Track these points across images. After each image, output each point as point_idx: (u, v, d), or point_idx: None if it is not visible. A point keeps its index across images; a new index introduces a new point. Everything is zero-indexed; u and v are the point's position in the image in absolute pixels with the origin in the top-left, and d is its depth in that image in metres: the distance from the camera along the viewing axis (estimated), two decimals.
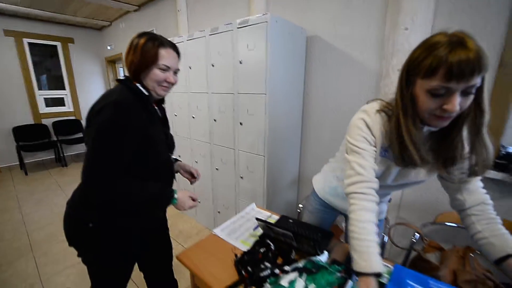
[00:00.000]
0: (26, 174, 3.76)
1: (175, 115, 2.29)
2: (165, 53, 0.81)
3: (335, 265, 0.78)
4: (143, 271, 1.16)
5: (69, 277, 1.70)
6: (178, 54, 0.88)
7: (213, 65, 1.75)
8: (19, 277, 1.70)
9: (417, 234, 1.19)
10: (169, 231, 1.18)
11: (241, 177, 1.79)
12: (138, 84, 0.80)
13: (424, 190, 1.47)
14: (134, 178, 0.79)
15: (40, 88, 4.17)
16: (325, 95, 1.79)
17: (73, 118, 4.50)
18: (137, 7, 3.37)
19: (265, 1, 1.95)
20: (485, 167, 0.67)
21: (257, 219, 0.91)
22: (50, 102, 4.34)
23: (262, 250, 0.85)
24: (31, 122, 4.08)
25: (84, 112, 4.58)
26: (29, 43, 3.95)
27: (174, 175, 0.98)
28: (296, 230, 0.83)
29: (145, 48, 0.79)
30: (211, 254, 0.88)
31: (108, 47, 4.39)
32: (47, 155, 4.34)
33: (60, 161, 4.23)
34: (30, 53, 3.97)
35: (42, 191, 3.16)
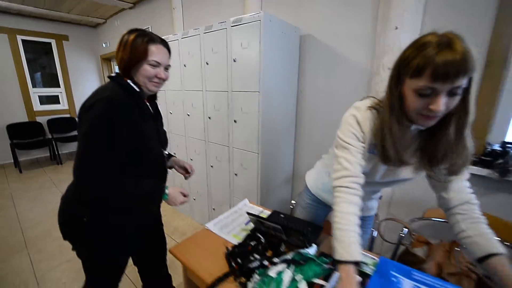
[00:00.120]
0: (21, 172, 3.74)
1: (170, 113, 2.30)
2: (155, 49, 0.81)
3: (323, 257, 0.81)
4: (137, 266, 1.18)
5: (64, 273, 1.71)
6: (169, 50, 0.88)
7: (208, 63, 1.76)
8: (14, 274, 1.71)
9: (406, 229, 1.22)
10: (165, 228, 1.20)
11: (235, 174, 1.81)
12: (129, 81, 0.81)
13: (414, 187, 1.51)
14: (126, 174, 0.80)
15: (35, 86, 4.13)
16: (319, 93, 1.81)
17: (68, 116, 4.47)
18: (132, 5, 3.35)
19: (260, 0, 1.97)
20: (463, 166, 0.69)
21: (248, 214, 0.93)
22: (45, 100, 4.31)
23: (253, 243, 0.87)
24: (25, 120, 4.04)
25: None
26: (23, 40, 3.91)
27: (167, 171, 1.00)
28: (286, 224, 0.86)
29: (135, 44, 0.79)
30: (203, 248, 0.90)
31: (103, 45, 4.36)
32: (42, 153, 4.31)
33: (55, 159, 4.21)
34: (24, 50, 3.93)
35: (37, 189, 3.15)
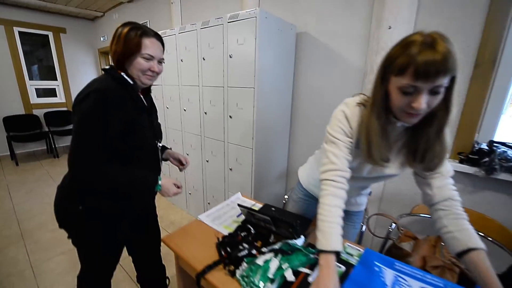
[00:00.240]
0: (17, 165, 3.74)
1: (167, 108, 2.31)
2: (149, 43, 0.83)
3: (310, 248, 0.84)
4: (132, 255, 1.21)
5: (60, 264, 1.73)
6: (163, 44, 0.90)
7: (204, 59, 1.78)
8: (10, 264, 1.73)
9: (394, 224, 1.26)
10: (161, 222, 1.22)
11: (230, 169, 1.84)
12: (123, 73, 0.82)
13: (405, 184, 1.54)
14: (119, 164, 0.81)
15: (31, 78, 4.11)
16: (314, 90, 1.83)
17: (65, 110, 4.46)
18: None
19: None
20: (439, 163, 0.71)
21: (239, 205, 0.96)
22: (42, 93, 4.29)
23: (243, 234, 0.90)
24: (22, 113, 4.03)
25: None
26: (20, 32, 3.88)
27: (160, 162, 1.02)
28: (276, 216, 0.89)
29: (128, 37, 0.80)
30: (195, 238, 0.93)
31: (101, 38, 4.34)
32: (39, 146, 4.30)
33: (52, 152, 4.21)
34: (21, 43, 3.90)
35: (33, 182, 3.16)
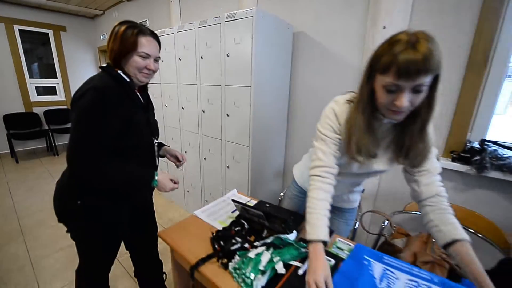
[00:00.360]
0: (17, 162, 3.77)
1: (166, 106, 2.33)
2: (145, 41, 0.84)
3: (301, 243, 0.87)
4: (130, 251, 1.23)
5: (59, 260, 1.76)
6: (159, 43, 0.92)
7: (202, 57, 1.80)
8: (10, 260, 1.76)
9: (387, 221, 1.28)
10: (160, 219, 1.24)
11: (228, 167, 1.86)
12: (120, 71, 0.84)
13: (399, 182, 1.56)
14: (115, 160, 0.83)
15: (31, 76, 4.13)
16: (311, 89, 1.85)
17: (65, 108, 4.47)
18: None
19: None
20: (422, 160, 0.74)
21: (233, 201, 0.99)
22: (42, 91, 4.31)
23: (236, 229, 0.92)
24: (22, 111, 4.05)
25: None
26: (20, 30, 3.90)
27: (156, 158, 1.04)
28: (269, 211, 0.91)
29: (124, 36, 0.82)
30: (190, 233, 0.96)
31: (101, 37, 4.36)
32: (39, 144, 4.33)
33: (52, 150, 4.23)
34: (21, 41, 3.92)
35: (33, 179, 3.18)
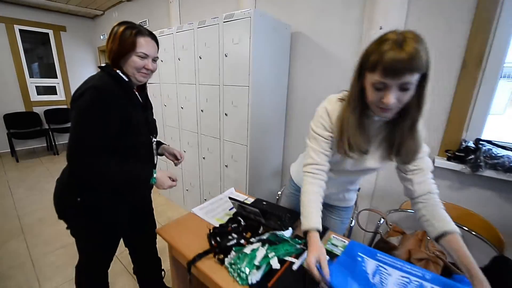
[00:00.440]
0: (18, 162, 3.78)
1: (165, 106, 2.35)
2: (143, 42, 0.86)
3: (297, 239, 0.88)
4: (129, 248, 1.25)
5: (59, 257, 1.78)
6: (157, 43, 0.93)
7: (201, 58, 1.82)
8: (11, 257, 1.78)
9: (383, 220, 1.30)
10: (159, 218, 1.26)
11: (226, 166, 1.88)
12: (118, 71, 0.86)
13: (395, 181, 1.56)
14: (114, 158, 0.85)
15: (32, 76, 4.15)
16: (309, 89, 1.87)
17: (65, 107, 4.49)
18: None
19: None
20: (413, 157, 0.76)
21: (230, 198, 1.00)
22: (42, 90, 4.33)
23: (233, 226, 0.94)
24: (22, 110, 4.07)
25: None
26: (21, 30, 3.91)
27: (154, 157, 1.05)
28: (265, 209, 0.93)
29: (123, 37, 0.84)
30: (188, 229, 0.97)
31: (101, 37, 4.37)
32: (39, 143, 4.34)
33: (52, 150, 4.25)
34: (22, 40, 3.94)
35: (34, 178, 3.20)
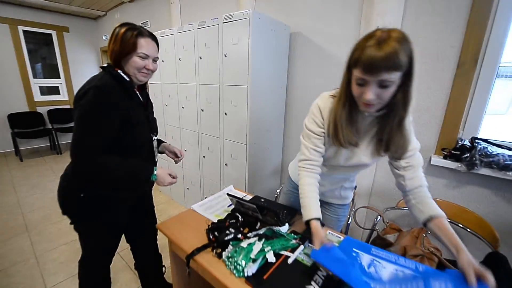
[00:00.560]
0: (21, 161, 3.84)
1: (166, 105, 2.38)
2: (144, 42, 0.89)
3: (293, 234, 0.91)
4: (130, 243, 1.28)
5: (63, 254, 1.82)
6: (157, 44, 0.96)
7: (201, 58, 1.84)
8: (15, 253, 1.82)
9: (380, 217, 1.32)
10: (160, 216, 1.29)
11: (226, 165, 1.90)
12: (120, 71, 0.89)
13: (392, 180, 1.58)
14: (116, 156, 0.88)
15: (35, 76, 4.20)
16: (307, 89, 1.89)
17: (68, 107, 4.54)
18: None
19: None
20: (402, 153, 0.80)
21: (228, 195, 1.03)
22: (45, 90, 4.38)
23: (231, 221, 0.96)
24: (26, 110, 4.13)
25: None
26: (24, 31, 3.97)
27: (155, 155, 1.08)
28: (262, 205, 0.95)
29: (125, 38, 0.87)
30: (187, 225, 1.00)
31: (104, 37, 4.42)
32: (42, 143, 4.40)
33: (55, 149, 4.30)
34: (25, 41, 3.99)
35: (37, 177, 3.25)
